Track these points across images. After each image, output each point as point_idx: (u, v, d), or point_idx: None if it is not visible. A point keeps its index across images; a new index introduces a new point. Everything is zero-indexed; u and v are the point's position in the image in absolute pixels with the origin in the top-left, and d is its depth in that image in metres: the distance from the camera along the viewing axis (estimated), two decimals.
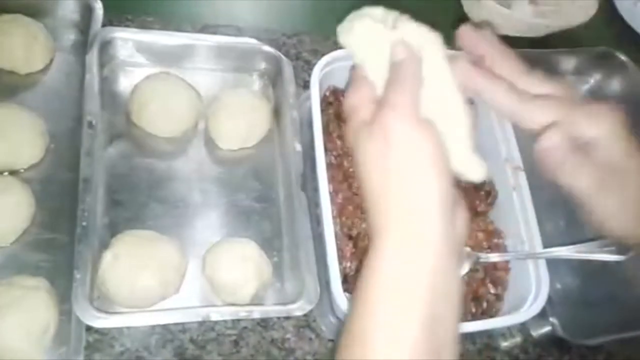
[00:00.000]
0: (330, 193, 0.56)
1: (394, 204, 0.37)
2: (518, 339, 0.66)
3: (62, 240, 0.59)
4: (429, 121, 0.38)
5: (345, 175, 0.62)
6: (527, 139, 0.60)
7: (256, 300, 0.60)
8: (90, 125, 0.61)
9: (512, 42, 0.45)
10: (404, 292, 0.35)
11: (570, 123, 0.41)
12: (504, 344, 0.66)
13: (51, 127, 0.64)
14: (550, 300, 0.55)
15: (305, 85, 0.74)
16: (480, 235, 0.61)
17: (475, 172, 0.40)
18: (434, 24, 0.42)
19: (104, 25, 0.68)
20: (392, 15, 0.42)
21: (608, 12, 0.94)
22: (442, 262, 0.36)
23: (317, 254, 0.59)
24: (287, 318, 0.62)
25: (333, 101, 0.66)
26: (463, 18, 0.87)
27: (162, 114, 0.66)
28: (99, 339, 0.57)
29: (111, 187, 0.63)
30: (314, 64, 0.62)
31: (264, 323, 0.62)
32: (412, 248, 0.36)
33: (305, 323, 0.62)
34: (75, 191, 0.58)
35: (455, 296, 0.37)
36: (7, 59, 0.66)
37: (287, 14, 0.83)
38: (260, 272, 0.60)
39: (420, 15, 0.42)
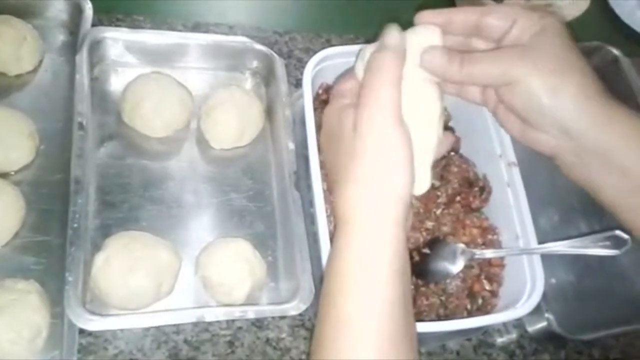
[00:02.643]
0: (324, 191, 0.55)
1: (364, 195, 0.40)
2: (514, 335, 0.66)
3: (54, 243, 0.59)
4: (406, 124, 0.41)
5: None
6: None
7: (251, 300, 0.60)
8: (81, 126, 0.61)
9: None
10: (373, 274, 0.39)
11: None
12: (500, 340, 0.66)
13: (41, 129, 0.64)
14: (545, 295, 0.54)
15: (298, 84, 0.74)
16: (475, 231, 0.60)
17: (420, 185, 0.42)
18: None
19: (93, 25, 0.68)
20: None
21: (601, 7, 0.94)
22: (401, 247, 0.40)
23: (311, 253, 0.59)
24: (282, 318, 0.62)
25: (326, 99, 0.65)
26: None
27: (153, 114, 0.66)
28: (92, 341, 0.57)
29: (103, 189, 0.63)
30: (306, 62, 0.61)
31: (258, 323, 0.61)
32: (376, 238, 0.39)
33: (300, 322, 0.62)
34: (67, 193, 0.57)
35: (409, 275, 0.41)
36: None
37: (279, 11, 0.83)
38: (255, 272, 0.59)
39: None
